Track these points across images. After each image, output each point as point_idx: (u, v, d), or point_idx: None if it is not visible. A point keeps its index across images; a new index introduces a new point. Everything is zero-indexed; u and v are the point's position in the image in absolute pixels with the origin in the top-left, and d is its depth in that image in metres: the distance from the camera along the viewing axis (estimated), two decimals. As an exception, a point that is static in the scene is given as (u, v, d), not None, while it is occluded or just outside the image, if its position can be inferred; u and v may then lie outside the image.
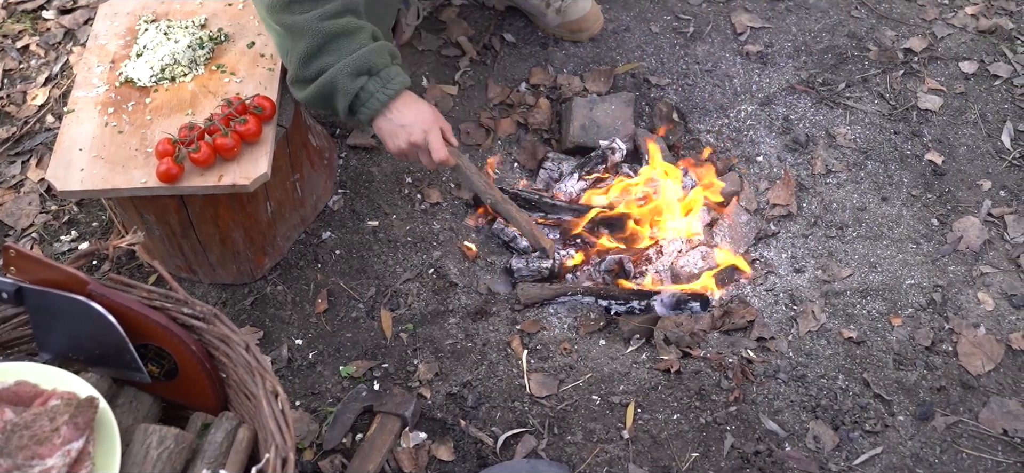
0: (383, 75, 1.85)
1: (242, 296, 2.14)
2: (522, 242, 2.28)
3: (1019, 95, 2.55)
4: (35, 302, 1.49)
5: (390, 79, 1.86)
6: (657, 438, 1.90)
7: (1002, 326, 2.07)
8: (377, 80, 1.85)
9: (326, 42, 1.81)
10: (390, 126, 1.90)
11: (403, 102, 1.89)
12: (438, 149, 1.93)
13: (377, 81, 1.85)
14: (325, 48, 1.81)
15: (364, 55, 1.82)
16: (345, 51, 1.82)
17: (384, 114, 1.88)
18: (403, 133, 1.90)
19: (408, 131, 1.90)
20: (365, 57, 1.83)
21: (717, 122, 2.53)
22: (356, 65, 1.82)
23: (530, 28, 2.74)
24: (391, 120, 1.89)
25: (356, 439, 1.91)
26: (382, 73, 1.85)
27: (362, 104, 1.86)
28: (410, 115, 1.89)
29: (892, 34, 2.72)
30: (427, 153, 1.94)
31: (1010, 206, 2.29)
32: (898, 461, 1.86)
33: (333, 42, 1.82)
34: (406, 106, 1.90)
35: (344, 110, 1.87)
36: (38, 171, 2.39)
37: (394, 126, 1.89)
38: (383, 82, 1.85)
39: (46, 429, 1.36)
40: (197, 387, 1.56)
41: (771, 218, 2.31)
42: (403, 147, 1.92)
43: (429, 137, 1.92)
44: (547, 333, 2.11)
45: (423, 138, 1.91)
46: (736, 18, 2.77)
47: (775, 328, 2.08)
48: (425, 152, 1.94)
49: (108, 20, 2.15)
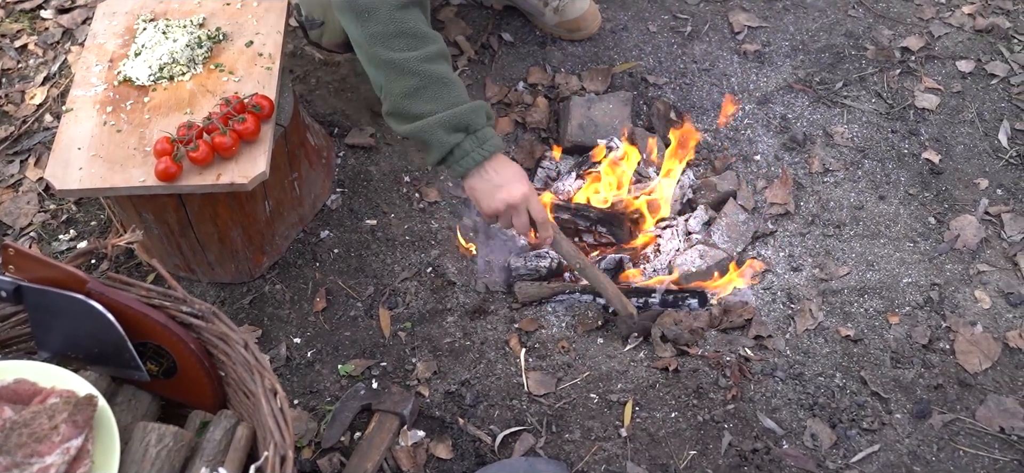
0: (480, 135, 1.83)
1: (240, 295, 2.14)
2: (520, 240, 2.28)
3: (1016, 94, 2.56)
4: (34, 300, 1.49)
5: (486, 140, 1.84)
6: (655, 436, 1.91)
7: (999, 324, 2.07)
8: (473, 139, 1.83)
9: (426, 86, 1.79)
10: (486, 186, 1.86)
11: (499, 163, 1.86)
12: (539, 211, 1.90)
13: (473, 140, 1.83)
14: (424, 92, 1.80)
15: (463, 113, 1.81)
16: (444, 102, 1.80)
17: (479, 173, 1.85)
18: (500, 193, 1.86)
19: (507, 191, 1.86)
20: (464, 115, 1.81)
21: (714, 121, 2.53)
22: (454, 121, 1.80)
23: (528, 27, 2.74)
24: (487, 180, 1.86)
25: (354, 437, 1.91)
26: (479, 133, 1.83)
27: (456, 160, 1.84)
28: (507, 175, 1.86)
29: (889, 33, 2.72)
30: (523, 215, 1.90)
31: (1007, 204, 2.30)
32: (895, 459, 1.87)
33: (432, 88, 1.80)
34: (502, 167, 1.87)
35: (436, 161, 1.85)
36: (36, 170, 2.40)
37: (491, 185, 1.86)
38: (479, 141, 1.83)
39: (45, 427, 1.36)
40: (196, 385, 1.56)
41: (769, 217, 2.31)
42: (498, 207, 1.87)
43: (531, 201, 1.89)
44: (545, 332, 2.11)
45: (521, 200, 1.87)
46: (733, 17, 2.77)
47: (773, 326, 2.09)
48: (521, 215, 1.89)
49: (106, 19, 2.16)
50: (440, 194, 2.35)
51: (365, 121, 2.46)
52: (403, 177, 2.37)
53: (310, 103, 2.49)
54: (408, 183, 2.36)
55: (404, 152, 2.41)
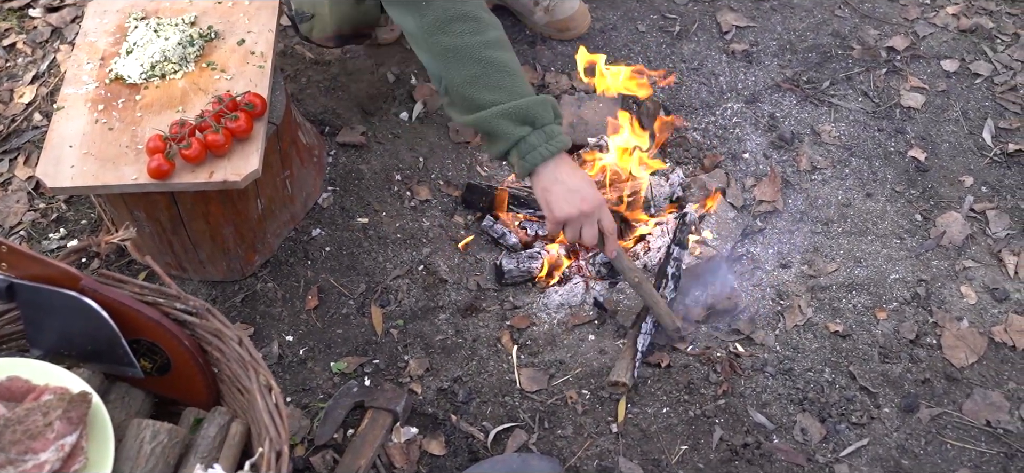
0: (548, 130, 1.76)
1: (232, 293, 2.14)
2: (511, 239, 2.29)
3: (999, 93, 2.59)
4: (27, 298, 1.49)
5: (553, 136, 1.76)
6: (647, 432, 1.92)
7: (985, 319, 2.10)
8: (541, 134, 1.75)
9: (488, 73, 1.73)
10: (560, 188, 1.77)
11: (568, 165, 1.78)
12: (610, 223, 1.83)
13: (541, 135, 1.75)
14: (486, 80, 1.73)
15: (529, 105, 1.74)
16: (508, 91, 1.74)
17: (549, 173, 1.77)
18: (575, 199, 1.77)
19: (581, 197, 1.77)
20: (531, 107, 1.74)
21: (703, 120, 2.55)
22: (520, 113, 1.73)
23: (518, 27, 2.75)
24: (560, 182, 1.77)
25: (347, 434, 1.91)
26: (547, 128, 1.76)
27: (522, 155, 1.76)
28: (579, 180, 1.78)
29: (875, 33, 2.75)
30: (594, 225, 1.81)
31: (991, 201, 2.33)
32: (884, 452, 1.89)
33: (496, 76, 1.73)
34: (574, 170, 1.79)
35: (501, 153, 1.78)
36: (26, 169, 2.39)
37: (564, 189, 1.77)
38: (547, 137, 1.75)
39: (39, 424, 1.36)
40: (190, 382, 1.57)
41: (757, 214, 2.33)
42: (572, 213, 1.78)
43: (602, 212, 1.81)
44: (537, 328, 2.12)
45: (595, 209, 1.79)
46: (722, 17, 2.79)
47: (762, 322, 2.11)
48: (593, 223, 1.81)
49: (98, 17, 2.15)
50: (431, 192, 2.36)
51: (356, 119, 2.47)
52: (394, 175, 2.37)
53: (301, 102, 2.49)
54: (399, 181, 2.37)
55: (395, 150, 2.42)
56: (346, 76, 2.56)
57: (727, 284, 2.15)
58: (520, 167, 1.78)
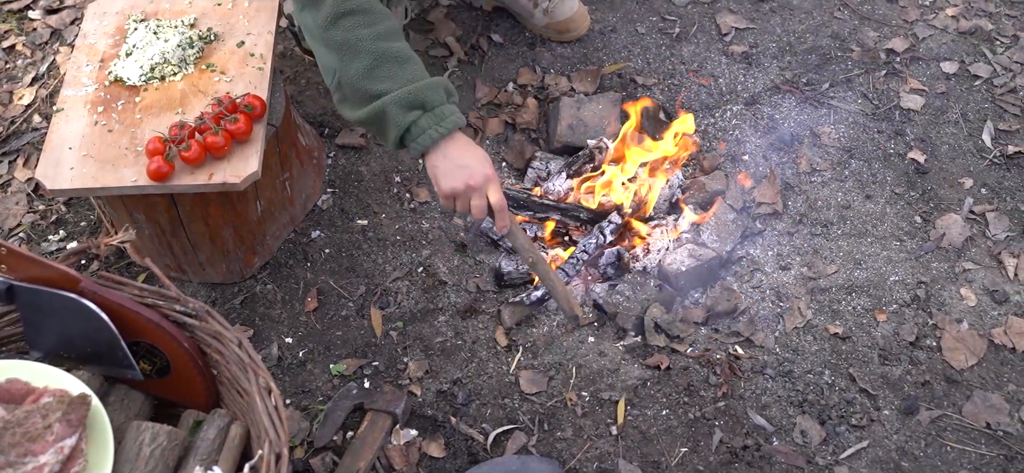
0: (438, 112, 1.77)
1: (232, 295, 2.14)
2: (509, 242, 2.29)
3: (999, 95, 2.59)
4: (26, 300, 1.49)
5: (444, 117, 1.78)
6: (646, 434, 1.92)
7: (984, 321, 2.10)
8: (430, 116, 1.77)
9: (380, 65, 1.75)
10: (447, 164, 1.79)
11: (460, 143, 1.80)
12: (499, 198, 1.84)
13: (430, 117, 1.77)
14: (379, 72, 1.75)
15: (419, 89, 1.75)
16: (400, 79, 1.75)
17: (439, 151, 1.79)
18: (462, 173, 1.79)
19: (468, 172, 1.79)
20: (419, 91, 1.75)
21: (703, 121, 2.55)
22: (409, 99, 1.75)
23: (518, 28, 2.75)
24: (449, 158, 1.79)
25: (347, 437, 1.91)
26: (437, 110, 1.77)
27: (413, 138, 1.77)
28: (468, 156, 1.80)
29: (874, 35, 2.75)
30: (482, 199, 1.83)
31: (991, 204, 2.33)
32: (884, 455, 1.89)
33: (387, 67, 1.76)
34: (465, 147, 1.81)
35: (394, 141, 1.79)
36: (25, 170, 2.39)
37: (450, 165, 1.79)
38: (437, 119, 1.77)
39: (39, 426, 1.36)
40: (189, 384, 1.57)
41: (757, 216, 2.33)
42: (457, 187, 1.80)
43: (490, 185, 1.82)
44: (536, 331, 2.12)
45: (482, 182, 1.81)
46: (721, 19, 2.79)
47: (762, 324, 2.10)
48: (480, 198, 1.83)
49: (97, 19, 2.15)
50: (431, 194, 2.35)
51: (355, 122, 2.47)
52: (393, 177, 2.37)
53: (301, 103, 2.49)
54: (399, 183, 2.37)
55: (394, 153, 2.42)
56: (346, 78, 2.56)
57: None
58: (412, 150, 1.79)
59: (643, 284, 2.19)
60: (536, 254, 1.98)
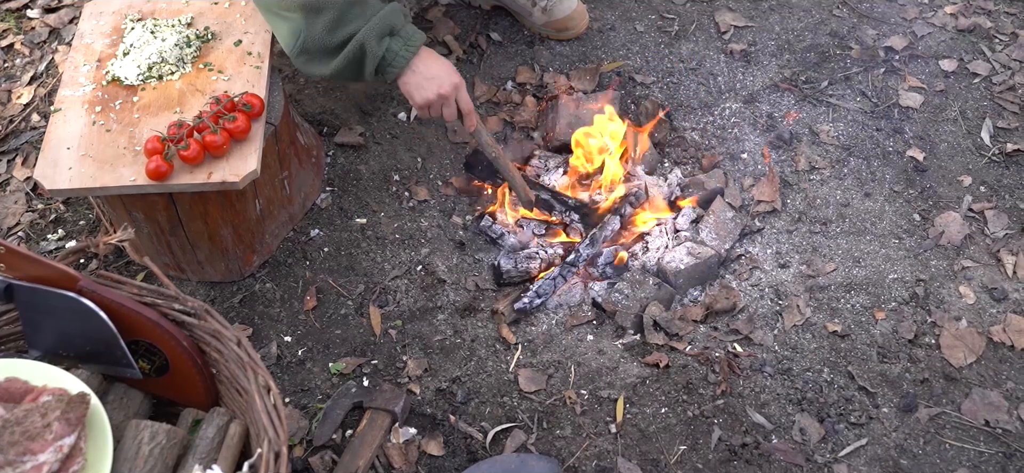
0: (403, 33, 1.93)
1: (231, 294, 2.14)
2: (510, 240, 2.29)
3: (998, 93, 2.59)
4: (25, 299, 1.49)
5: (410, 36, 1.94)
6: (645, 432, 1.92)
7: (983, 319, 2.10)
8: (399, 39, 1.92)
9: (346, 10, 1.87)
10: (417, 79, 1.96)
11: (426, 57, 1.97)
12: (466, 102, 2.03)
13: (399, 40, 1.92)
14: (346, 17, 1.87)
15: (385, 16, 1.89)
16: (365, 15, 1.88)
17: (410, 69, 1.95)
18: (432, 85, 1.97)
19: (437, 82, 1.97)
20: (386, 18, 1.89)
21: (702, 120, 2.55)
22: (380, 27, 1.88)
23: (516, 27, 2.75)
24: (418, 73, 1.96)
25: (346, 435, 1.91)
26: (402, 31, 1.93)
27: (388, 64, 1.93)
28: (436, 68, 1.98)
29: (873, 33, 2.75)
30: (453, 105, 2.02)
31: (990, 201, 2.33)
32: (883, 452, 1.89)
33: (351, 10, 1.87)
34: (431, 60, 1.98)
35: (371, 73, 1.93)
36: (24, 170, 2.38)
37: (421, 78, 1.96)
38: (404, 40, 1.93)
39: (38, 425, 1.36)
40: (188, 383, 1.56)
41: (756, 214, 2.33)
42: (430, 98, 1.98)
43: (458, 92, 2.01)
44: (535, 329, 2.12)
45: (451, 90, 1.99)
46: (720, 17, 2.79)
47: (761, 322, 2.11)
48: (451, 104, 2.01)
49: (94, 19, 2.15)
50: (429, 192, 2.36)
51: (354, 120, 2.47)
52: (392, 176, 2.37)
53: (299, 102, 2.49)
54: (397, 182, 2.36)
55: (393, 151, 2.42)
56: (344, 77, 2.56)
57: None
58: (388, 74, 1.96)
59: (642, 282, 2.19)
60: (497, 150, 2.21)
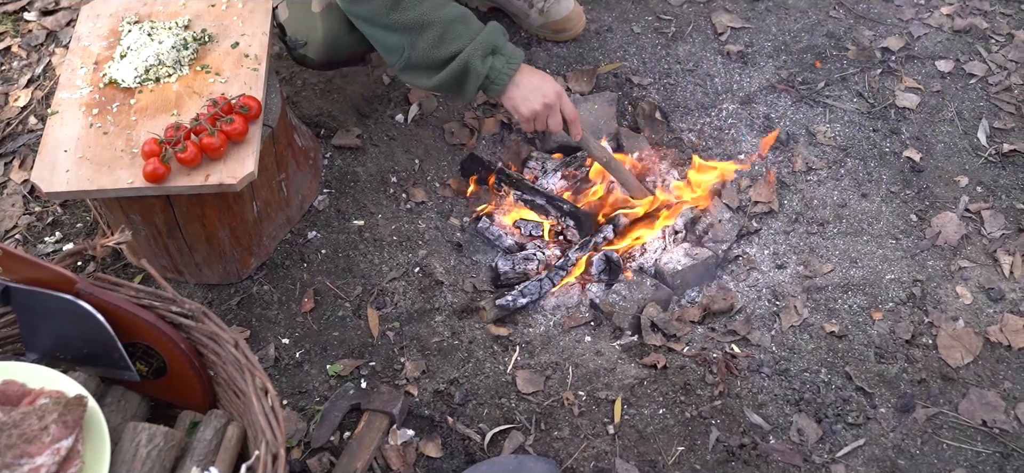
0: (505, 51, 2.01)
1: (228, 296, 2.14)
2: (507, 241, 2.29)
3: (994, 93, 2.60)
4: (22, 301, 1.49)
5: (512, 55, 2.02)
6: (643, 433, 1.92)
7: (980, 319, 2.10)
8: (501, 57, 2.00)
9: (448, 29, 1.95)
10: (522, 92, 2.04)
11: (526, 72, 2.05)
12: (571, 109, 2.10)
13: (502, 58, 2.00)
14: (449, 34, 1.95)
15: (488, 36, 1.98)
16: (467, 35, 1.97)
17: (513, 84, 2.03)
18: (537, 96, 2.03)
19: (541, 93, 2.04)
20: (489, 37, 1.98)
21: (699, 121, 2.56)
22: (484, 47, 1.97)
23: (513, 28, 2.76)
24: (522, 87, 2.03)
25: (344, 437, 1.91)
26: (504, 50, 2.01)
27: (492, 82, 2.01)
28: (538, 80, 2.05)
29: (870, 33, 2.76)
30: (557, 114, 2.08)
31: (986, 202, 2.33)
32: (880, 453, 1.89)
33: (454, 28, 1.95)
34: (531, 74, 2.06)
35: (473, 90, 2.01)
36: (21, 172, 2.38)
37: (526, 91, 2.04)
38: (507, 58, 2.01)
39: (35, 428, 1.36)
40: (186, 385, 1.56)
41: (753, 215, 2.33)
42: (537, 109, 2.05)
43: (562, 100, 2.08)
44: (533, 330, 2.12)
45: (556, 98, 2.06)
46: (717, 18, 2.80)
47: (758, 323, 2.11)
48: (556, 113, 2.08)
49: (91, 22, 2.15)
50: (427, 194, 2.36)
51: (351, 122, 2.47)
52: (390, 178, 2.37)
53: (297, 104, 2.49)
54: (395, 184, 2.37)
55: (391, 153, 2.42)
56: (341, 79, 2.56)
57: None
58: (492, 91, 2.04)
59: (639, 283, 2.19)
60: (608, 153, 2.28)
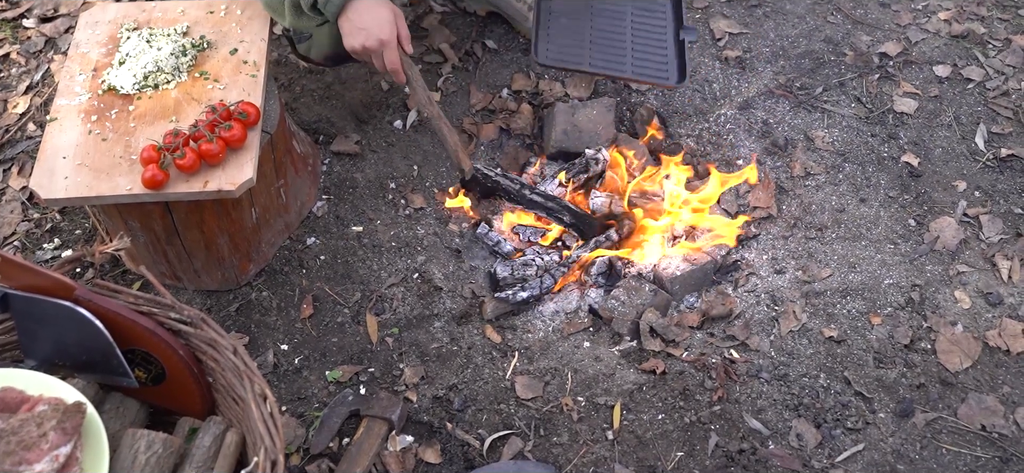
0: None
1: (227, 302, 2.14)
2: (506, 246, 2.29)
3: (992, 98, 2.60)
4: (21, 308, 1.49)
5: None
6: (642, 438, 1.92)
7: (979, 324, 2.10)
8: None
9: None
10: (349, 26, 2.00)
11: (363, 7, 1.99)
12: (392, 60, 2.04)
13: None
14: None
15: None
16: None
17: (344, 14, 1.99)
18: (360, 35, 2.00)
19: (365, 35, 1.99)
20: None
21: (697, 126, 2.56)
22: None
23: (511, 34, 2.76)
24: (350, 20, 2.00)
25: (343, 443, 1.91)
26: None
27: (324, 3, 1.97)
28: (368, 18, 1.99)
29: (867, 39, 2.76)
30: (379, 60, 2.04)
31: (985, 206, 2.34)
32: (879, 457, 1.89)
33: None
34: (365, 10, 1.99)
35: (309, 3, 1.98)
36: (20, 179, 2.38)
37: (353, 26, 2.00)
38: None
39: (34, 435, 1.36)
40: (185, 391, 1.56)
41: (751, 220, 2.33)
42: (357, 48, 2.01)
43: (385, 50, 2.02)
44: (532, 336, 2.12)
45: (378, 46, 2.01)
46: (715, 24, 2.80)
47: (757, 328, 2.11)
48: (377, 59, 2.04)
49: (90, 28, 2.15)
50: (426, 200, 2.36)
51: (350, 128, 2.47)
52: (388, 184, 2.37)
53: (295, 111, 2.49)
54: (393, 190, 2.37)
55: (389, 159, 2.42)
56: (340, 85, 2.56)
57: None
58: (329, 11, 1.99)
59: (638, 289, 2.19)
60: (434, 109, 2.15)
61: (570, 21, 2.25)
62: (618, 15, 2.29)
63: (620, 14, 2.30)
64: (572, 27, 2.25)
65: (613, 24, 2.25)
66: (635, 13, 2.32)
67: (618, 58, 2.21)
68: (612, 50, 2.21)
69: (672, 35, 2.28)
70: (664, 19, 2.32)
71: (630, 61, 2.21)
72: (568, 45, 2.21)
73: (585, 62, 2.19)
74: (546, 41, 2.19)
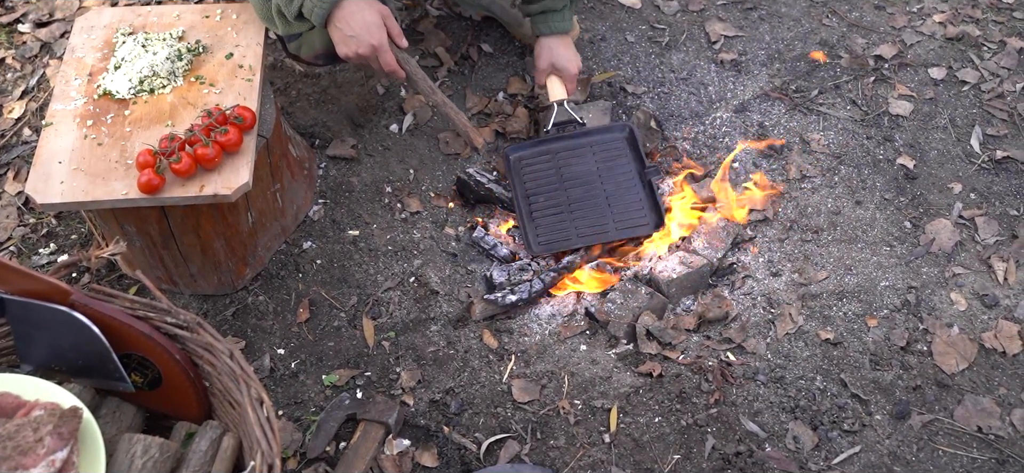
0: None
1: (223, 307, 2.14)
2: (502, 250, 2.29)
3: (987, 100, 2.61)
4: (17, 313, 1.49)
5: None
6: (639, 441, 1.92)
7: (975, 326, 2.11)
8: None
9: None
10: (339, 34, 2.02)
11: (346, 11, 1.99)
12: (388, 63, 2.06)
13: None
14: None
15: None
16: None
17: (332, 21, 2.01)
18: (351, 44, 2.02)
19: (356, 42, 2.01)
20: None
21: (693, 129, 2.56)
22: None
23: (507, 38, 2.76)
24: (339, 28, 2.01)
25: (340, 447, 1.91)
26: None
27: (309, 10, 1.97)
28: (356, 25, 2.00)
29: (863, 41, 2.77)
30: (375, 64, 2.06)
31: (980, 208, 2.34)
32: (876, 460, 1.89)
33: None
34: (351, 16, 2.00)
35: (294, 13, 1.99)
36: (15, 184, 2.38)
37: (343, 35, 2.01)
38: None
39: (30, 439, 1.36)
40: (181, 396, 1.56)
41: (747, 223, 2.34)
42: (350, 55, 2.04)
43: (379, 54, 2.03)
44: (528, 339, 2.12)
45: (371, 52, 2.02)
46: (710, 27, 2.81)
47: (753, 331, 2.11)
48: (373, 63, 2.06)
49: (85, 33, 2.15)
50: (422, 204, 2.36)
51: (346, 132, 2.47)
52: (385, 188, 2.37)
53: (291, 115, 2.49)
54: (390, 194, 2.37)
55: (386, 162, 2.42)
56: (336, 89, 2.56)
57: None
58: (315, 16, 1.99)
59: (634, 292, 2.19)
60: (438, 96, 2.17)
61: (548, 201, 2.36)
62: (587, 177, 2.39)
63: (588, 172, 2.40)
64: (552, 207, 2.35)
65: (586, 191, 2.37)
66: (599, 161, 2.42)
67: (601, 224, 2.32)
68: (594, 216, 2.33)
69: (638, 177, 2.38)
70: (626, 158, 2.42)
71: (611, 223, 2.32)
72: (555, 226, 2.32)
73: (573, 237, 2.30)
74: (535, 233, 2.31)
